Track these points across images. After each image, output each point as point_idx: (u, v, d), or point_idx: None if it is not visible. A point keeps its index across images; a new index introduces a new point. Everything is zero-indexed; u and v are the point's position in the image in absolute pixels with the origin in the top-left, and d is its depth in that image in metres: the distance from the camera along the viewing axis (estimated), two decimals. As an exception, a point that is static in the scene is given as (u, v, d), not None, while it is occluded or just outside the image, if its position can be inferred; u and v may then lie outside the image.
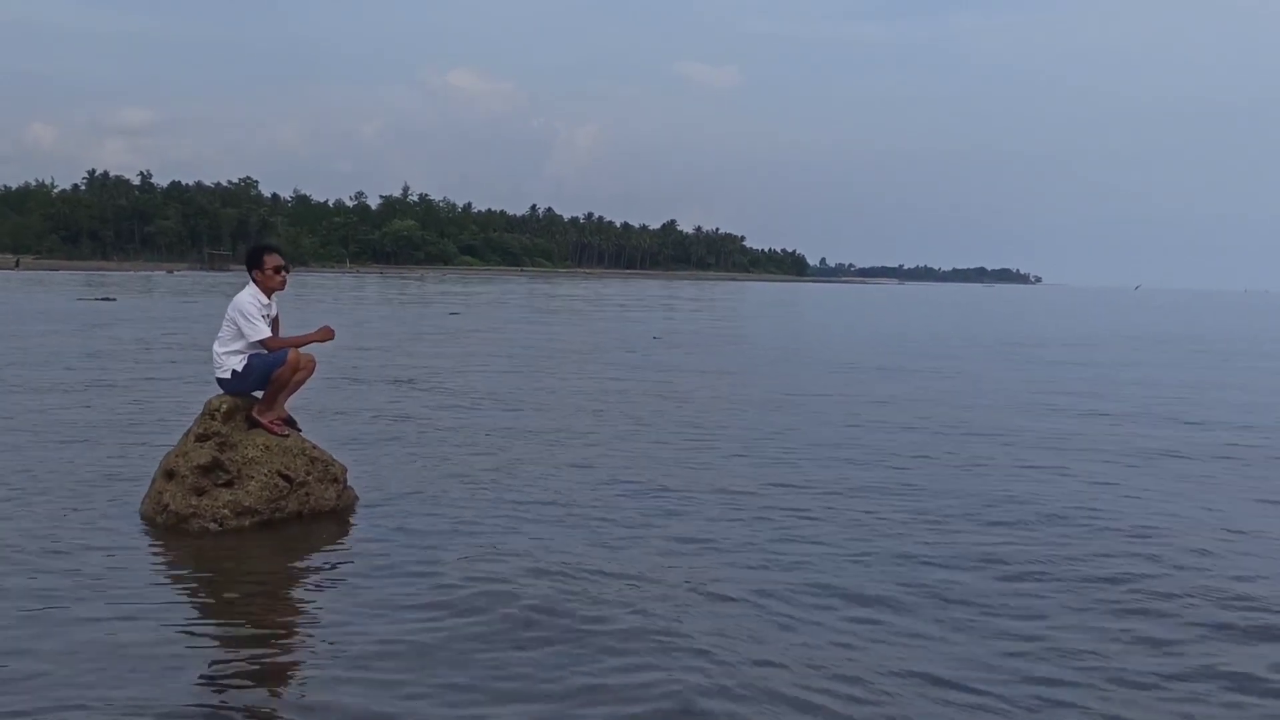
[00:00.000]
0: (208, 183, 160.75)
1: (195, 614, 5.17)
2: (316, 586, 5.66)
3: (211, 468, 6.64)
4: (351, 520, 6.90)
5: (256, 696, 4.22)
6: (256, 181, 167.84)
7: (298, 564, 6.07)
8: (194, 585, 5.63)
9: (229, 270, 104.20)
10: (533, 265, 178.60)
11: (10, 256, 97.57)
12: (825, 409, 13.17)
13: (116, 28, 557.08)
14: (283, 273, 7.00)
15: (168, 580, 5.69)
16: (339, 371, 14.87)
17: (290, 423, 7.11)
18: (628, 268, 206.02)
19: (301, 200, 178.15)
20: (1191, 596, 5.68)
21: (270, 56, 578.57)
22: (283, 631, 5.04)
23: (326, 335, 7.04)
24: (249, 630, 4.98)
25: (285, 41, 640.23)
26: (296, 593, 5.62)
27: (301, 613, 5.30)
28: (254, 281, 6.92)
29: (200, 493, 6.59)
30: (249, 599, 5.43)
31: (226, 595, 5.48)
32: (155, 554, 6.11)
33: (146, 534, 6.45)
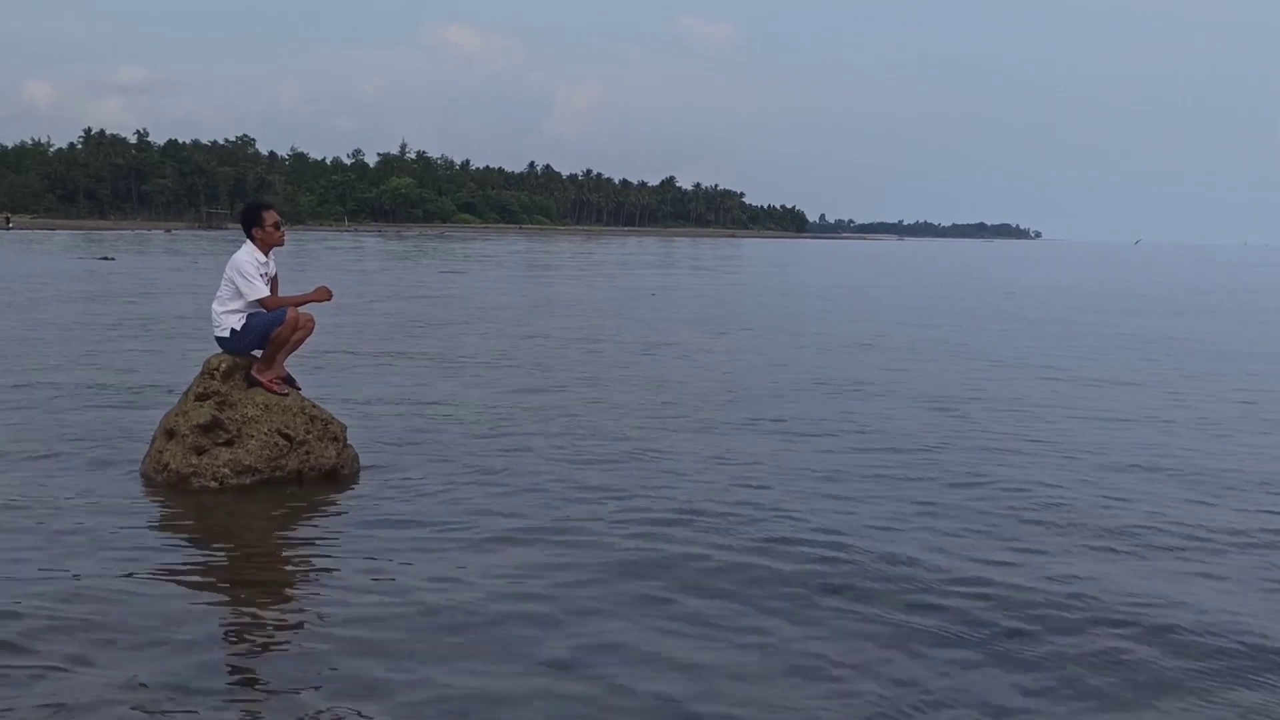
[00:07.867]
0: (205, 141, 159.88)
1: (193, 570, 5.21)
2: (314, 544, 5.70)
3: (211, 427, 6.65)
4: (351, 479, 6.92)
5: (252, 655, 4.27)
6: (254, 139, 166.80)
7: (296, 521, 6.10)
8: (193, 542, 5.68)
9: (226, 229, 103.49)
10: (531, 222, 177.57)
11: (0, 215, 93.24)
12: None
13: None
14: (281, 228, 7.05)
15: (167, 537, 5.73)
16: (339, 332, 14.85)
17: (289, 381, 7.12)
18: (626, 224, 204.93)
19: (299, 158, 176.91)
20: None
21: (267, 13, 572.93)
22: (279, 588, 5.08)
23: (324, 295, 7.02)
24: (245, 586, 5.02)
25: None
26: (294, 550, 5.66)
27: (299, 570, 5.34)
28: (251, 240, 6.91)
29: (200, 451, 6.61)
30: (246, 555, 5.48)
31: (225, 551, 5.53)
32: (156, 512, 6.14)
33: (147, 493, 6.48)
